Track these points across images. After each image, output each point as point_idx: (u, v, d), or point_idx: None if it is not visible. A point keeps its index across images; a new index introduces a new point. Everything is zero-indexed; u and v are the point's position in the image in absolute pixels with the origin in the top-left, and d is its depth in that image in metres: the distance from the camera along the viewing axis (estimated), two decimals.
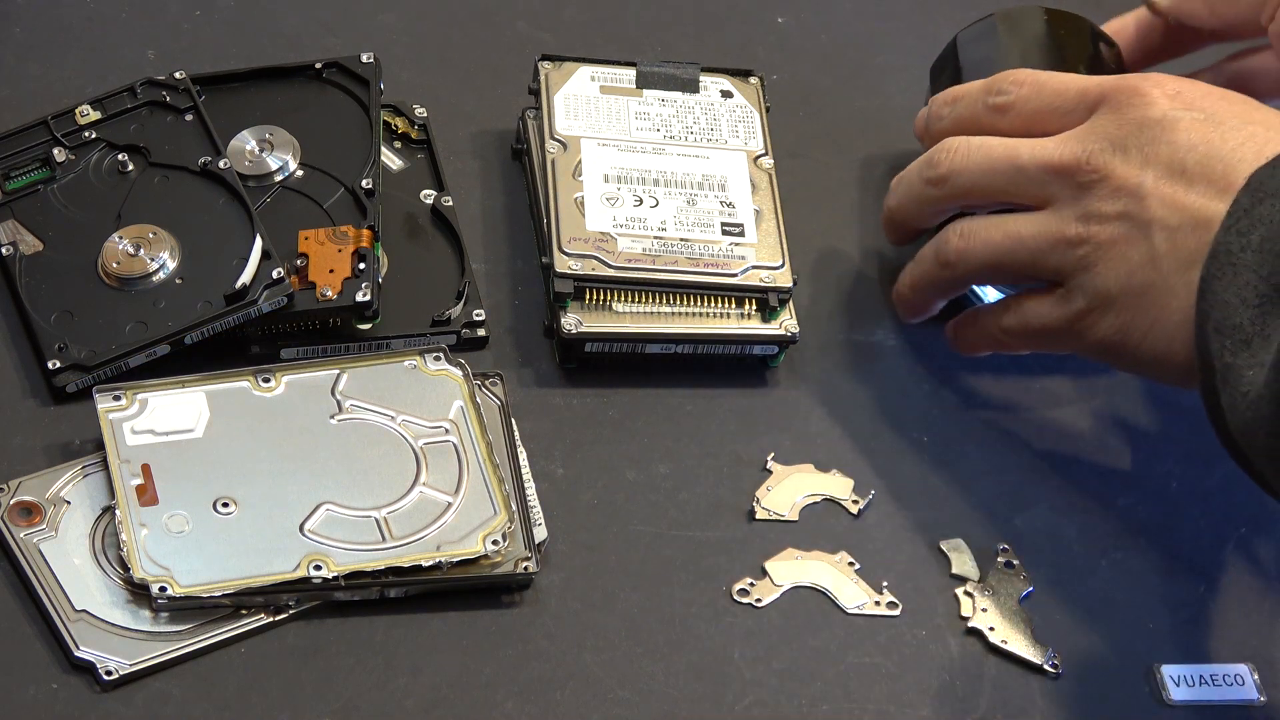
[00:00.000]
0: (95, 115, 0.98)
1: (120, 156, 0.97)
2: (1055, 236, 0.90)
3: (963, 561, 0.93)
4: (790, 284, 0.96)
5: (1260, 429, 0.80)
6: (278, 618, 0.86)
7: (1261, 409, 0.80)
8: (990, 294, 0.98)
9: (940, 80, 1.01)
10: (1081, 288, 0.90)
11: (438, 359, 0.93)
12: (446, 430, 0.91)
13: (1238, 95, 0.90)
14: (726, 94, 1.03)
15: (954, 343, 0.97)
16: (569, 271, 0.95)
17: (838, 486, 0.95)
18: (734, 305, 0.96)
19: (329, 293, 0.94)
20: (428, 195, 1.00)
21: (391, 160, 1.01)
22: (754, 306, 0.96)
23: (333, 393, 0.92)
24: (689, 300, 0.96)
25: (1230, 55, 1.02)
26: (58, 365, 0.91)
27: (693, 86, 1.03)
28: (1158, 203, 0.87)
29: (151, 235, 0.94)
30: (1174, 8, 1.00)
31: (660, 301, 0.96)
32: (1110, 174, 0.89)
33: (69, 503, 0.88)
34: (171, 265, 0.94)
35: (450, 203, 1.00)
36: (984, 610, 0.91)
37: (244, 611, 0.86)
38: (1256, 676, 0.90)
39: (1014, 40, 0.99)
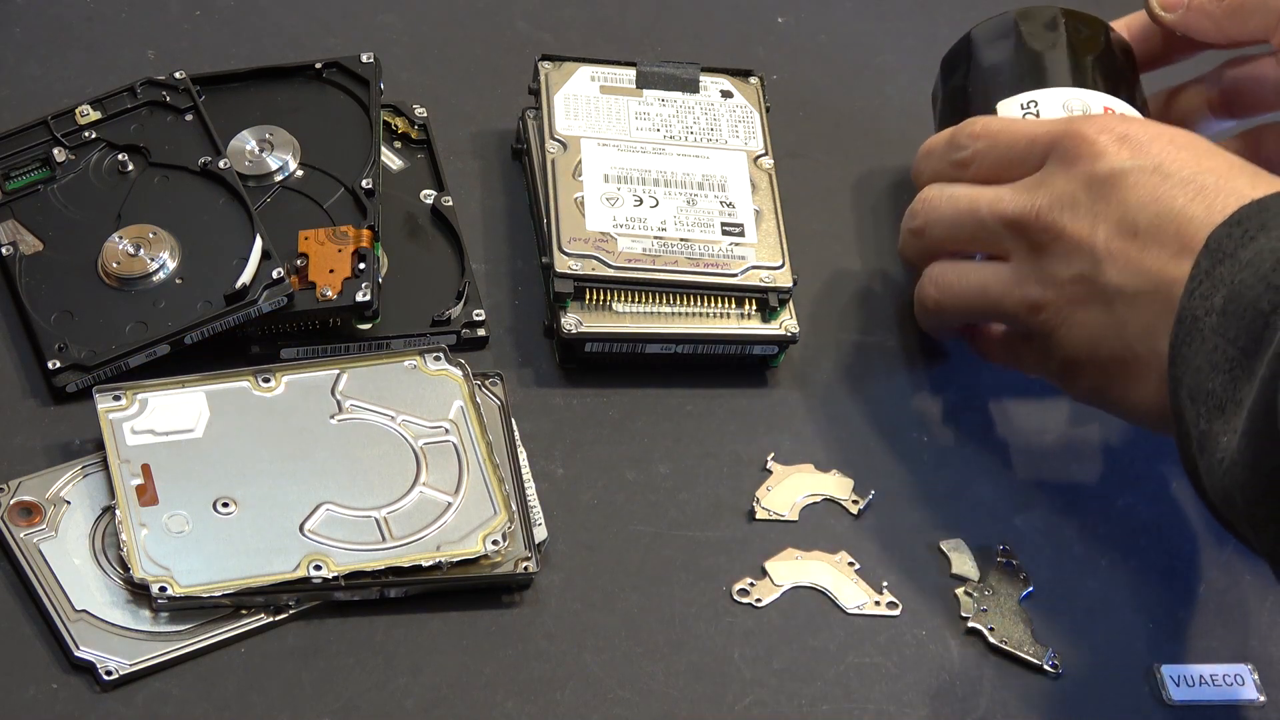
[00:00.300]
0: (95, 115, 0.98)
1: (120, 156, 0.97)
2: (1019, 298, 0.90)
3: (963, 561, 0.93)
4: (790, 284, 0.96)
5: (1236, 494, 0.79)
6: (278, 618, 0.86)
7: (1236, 475, 0.79)
8: None
9: (953, 77, 1.01)
10: (1050, 351, 0.90)
11: (438, 359, 0.93)
12: (446, 430, 0.91)
13: (1186, 137, 0.88)
14: (726, 94, 1.03)
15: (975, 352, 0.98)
16: (569, 271, 0.95)
17: (838, 486, 0.95)
18: (734, 305, 0.96)
19: (329, 293, 0.94)
20: (428, 195, 1.00)
21: (391, 160, 1.01)
22: (754, 306, 0.96)
23: (333, 393, 0.92)
24: (689, 300, 0.96)
25: (1227, 62, 1.02)
26: (58, 365, 0.91)
27: (693, 86, 1.03)
28: (1114, 267, 0.86)
29: (151, 235, 0.94)
30: (1179, 21, 0.98)
31: (660, 301, 0.96)
32: (1062, 232, 0.88)
33: (69, 503, 0.88)
34: (171, 265, 0.94)
35: (450, 203, 1.00)
36: (984, 610, 0.91)
37: (244, 611, 0.86)
38: (1256, 676, 0.90)
39: (1029, 38, 0.98)
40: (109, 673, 0.84)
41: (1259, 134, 1.00)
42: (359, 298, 0.93)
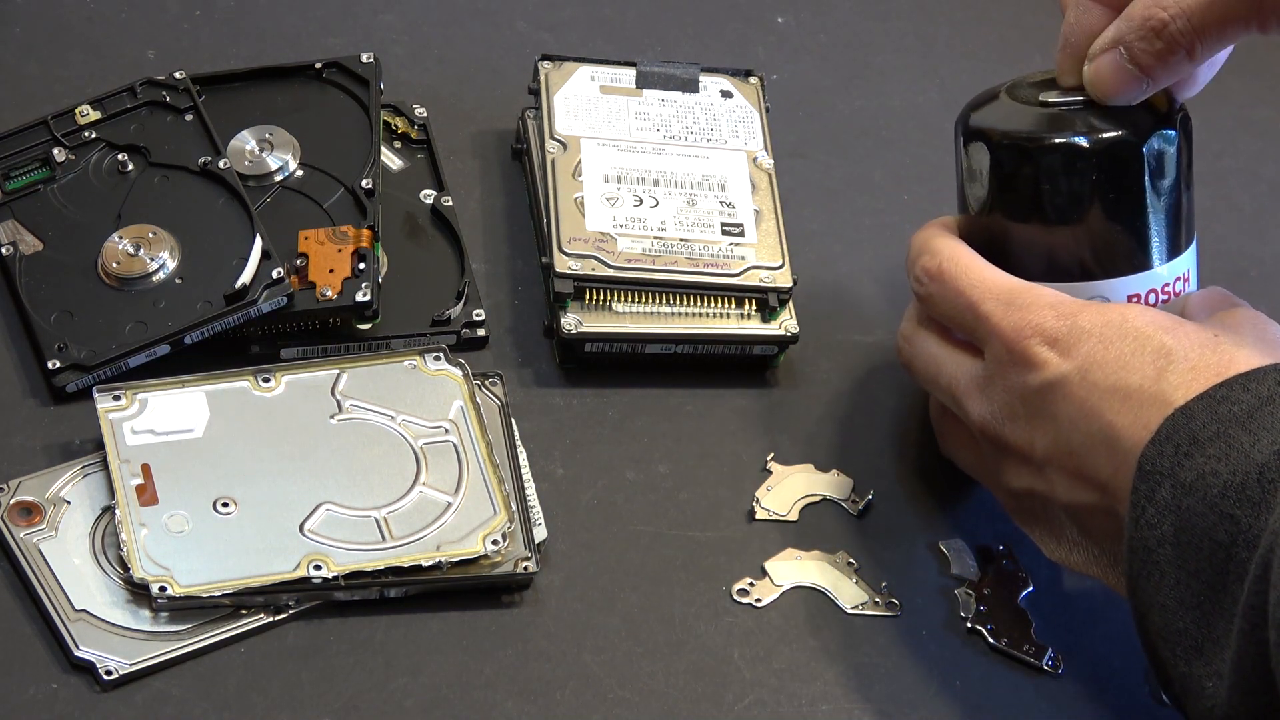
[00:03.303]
0: (95, 115, 0.98)
1: (120, 156, 0.97)
2: (994, 489, 0.90)
3: (963, 561, 0.93)
4: (790, 284, 0.96)
5: None
6: (278, 618, 0.86)
7: None
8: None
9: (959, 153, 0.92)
10: (1037, 542, 0.89)
11: (438, 359, 0.93)
12: (446, 430, 0.91)
13: (1119, 326, 0.83)
14: (726, 94, 1.03)
15: None
16: (569, 271, 0.95)
17: (838, 486, 0.95)
18: (734, 305, 0.96)
19: (329, 293, 0.94)
20: (428, 195, 1.00)
21: (391, 160, 1.01)
22: (754, 306, 0.96)
23: (333, 393, 0.92)
24: (689, 300, 0.96)
25: None
26: (58, 365, 0.91)
27: (693, 86, 1.03)
28: (1059, 482, 0.84)
29: (151, 235, 0.95)
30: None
31: (660, 301, 0.96)
32: (1007, 445, 0.86)
33: (69, 503, 0.88)
34: (171, 265, 0.94)
35: (450, 203, 1.00)
36: (984, 610, 0.91)
37: (244, 611, 0.86)
38: None
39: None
40: (109, 672, 0.84)
41: None
42: (359, 298, 0.93)
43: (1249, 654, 0.75)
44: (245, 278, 0.93)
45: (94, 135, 0.98)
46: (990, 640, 0.90)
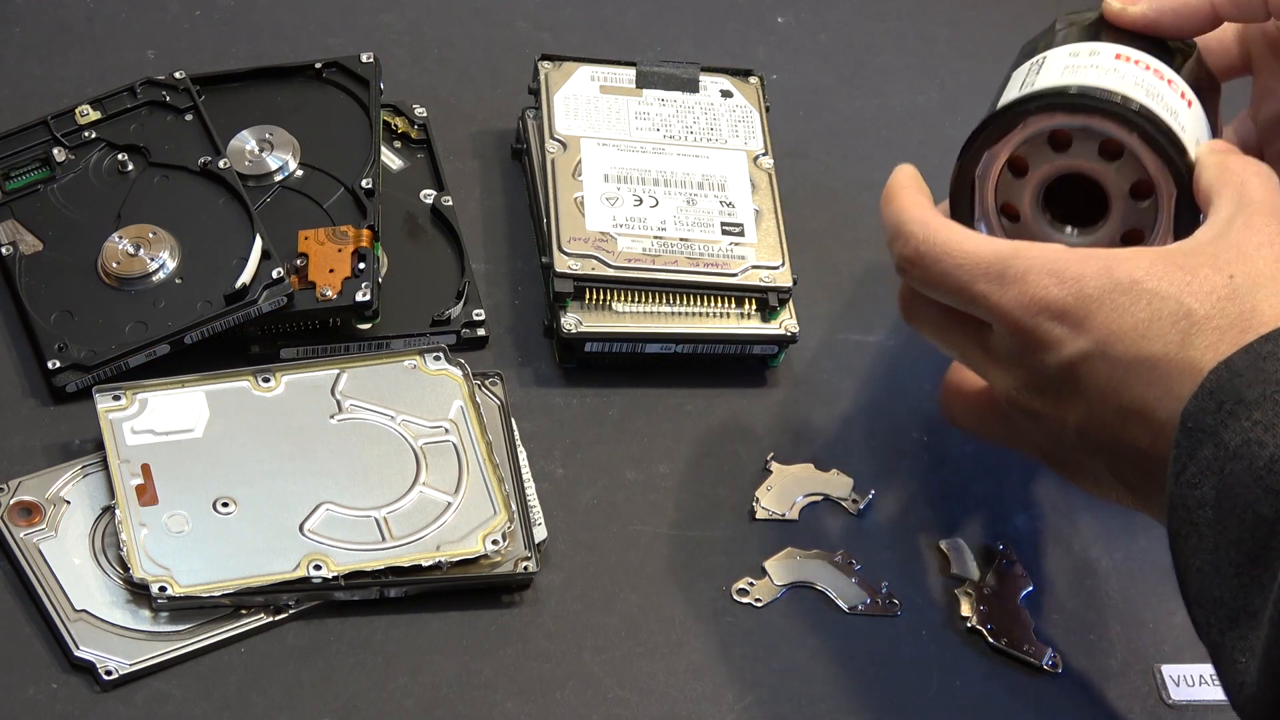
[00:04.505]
0: (95, 115, 0.98)
1: (120, 156, 0.97)
2: (1023, 448, 0.87)
3: (963, 561, 0.93)
4: (790, 284, 0.96)
5: None
6: (278, 618, 0.86)
7: (1260, 711, 0.74)
8: None
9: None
10: (1076, 485, 0.86)
11: (438, 359, 0.93)
12: (446, 430, 0.91)
13: (1129, 285, 0.80)
14: (726, 94, 1.03)
15: None
16: (569, 271, 0.95)
17: (838, 486, 0.95)
18: (734, 305, 0.96)
19: (329, 293, 0.94)
20: (428, 195, 1.00)
21: (391, 160, 1.01)
22: (754, 306, 0.96)
23: (333, 393, 0.92)
24: (689, 300, 0.96)
25: None
26: (58, 365, 0.91)
27: (692, 86, 1.03)
28: (1097, 448, 0.81)
29: (151, 235, 0.95)
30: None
31: (660, 301, 0.96)
32: (1037, 414, 0.83)
33: (69, 503, 0.88)
34: (171, 265, 0.94)
35: (450, 202, 1.00)
36: (984, 610, 0.91)
37: (244, 611, 0.86)
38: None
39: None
40: (109, 672, 0.84)
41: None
42: (359, 297, 0.93)
43: None
44: (245, 278, 0.93)
45: (94, 135, 0.98)
46: (990, 640, 0.90)
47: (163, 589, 0.85)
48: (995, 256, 0.82)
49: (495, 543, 0.88)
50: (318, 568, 0.86)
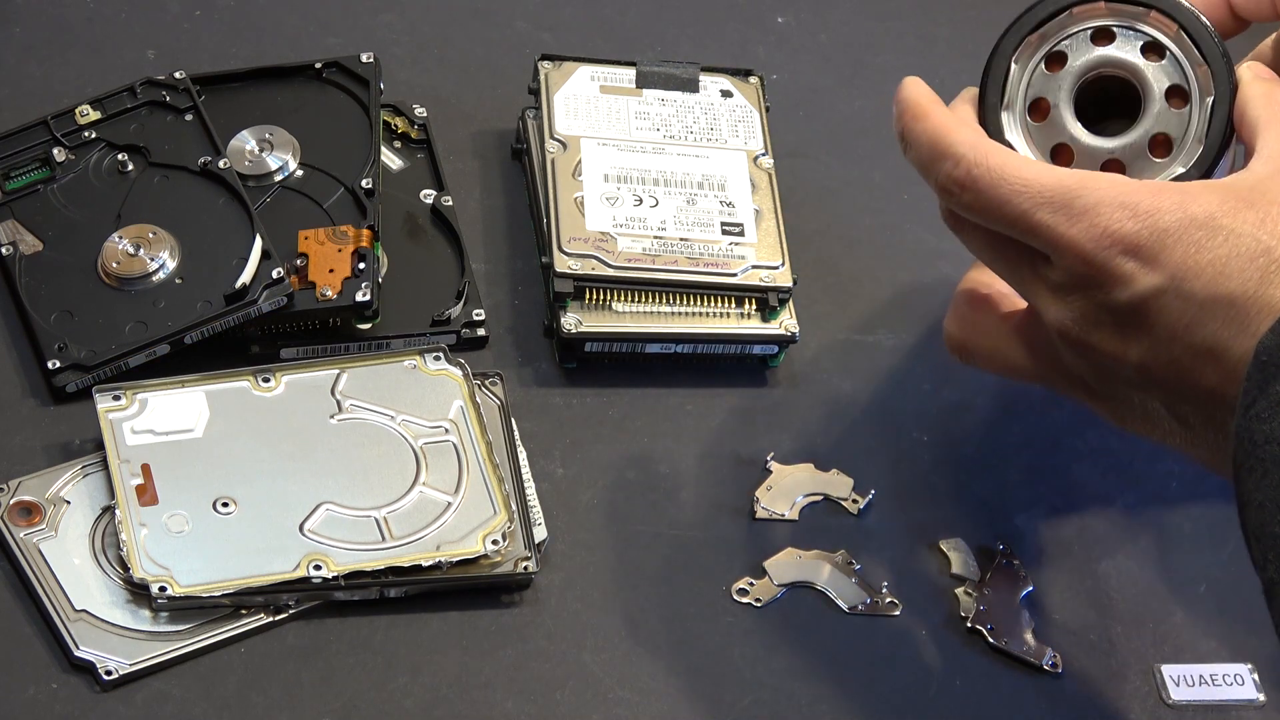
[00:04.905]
0: (95, 115, 0.98)
1: (120, 156, 0.97)
2: (1054, 382, 0.85)
3: (963, 561, 0.93)
4: (790, 284, 0.96)
5: None
6: (278, 618, 0.86)
7: None
8: None
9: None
10: (1113, 421, 0.84)
11: (438, 359, 0.93)
12: (446, 430, 0.91)
13: (1205, 221, 0.78)
14: (726, 94, 1.03)
15: None
16: (569, 271, 0.95)
17: (838, 486, 0.95)
18: (734, 305, 0.96)
19: (329, 292, 0.94)
20: (428, 195, 1.00)
21: (391, 160, 1.01)
22: (754, 306, 0.96)
23: (332, 393, 0.92)
24: (689, 300, 0.96)
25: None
26: (58, 365, 0.91)
27: (692, 86, 1.03)
28: (1156, 387, 0.80)
29: (151, 235, 0.95)
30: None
31: (660, 301, 0.96)
32: (1094, 349, 0.81)
33: (69, 503, 0.88)
34: (171, 265, 0.94)
35: (450, 202, 1.00)
36: (984, 610, 0.91)
37: (244, 611, 0.86)
38: (1256, 676, 0.90)
39: None
40: (109, 672, 0.84)
41: None
42: (359, 297, 0.93)
43: None
44: (245, 278, 0.93)
45: (94, 135, 0.98)
46: (990, 640, 0.90)
47: (163, 589, 0.85)
48: (1060, 186, 0.79)
49: (495, 543, 0.88)
50: (318, 568, 0.86)
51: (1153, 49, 0.86)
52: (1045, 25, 0.87)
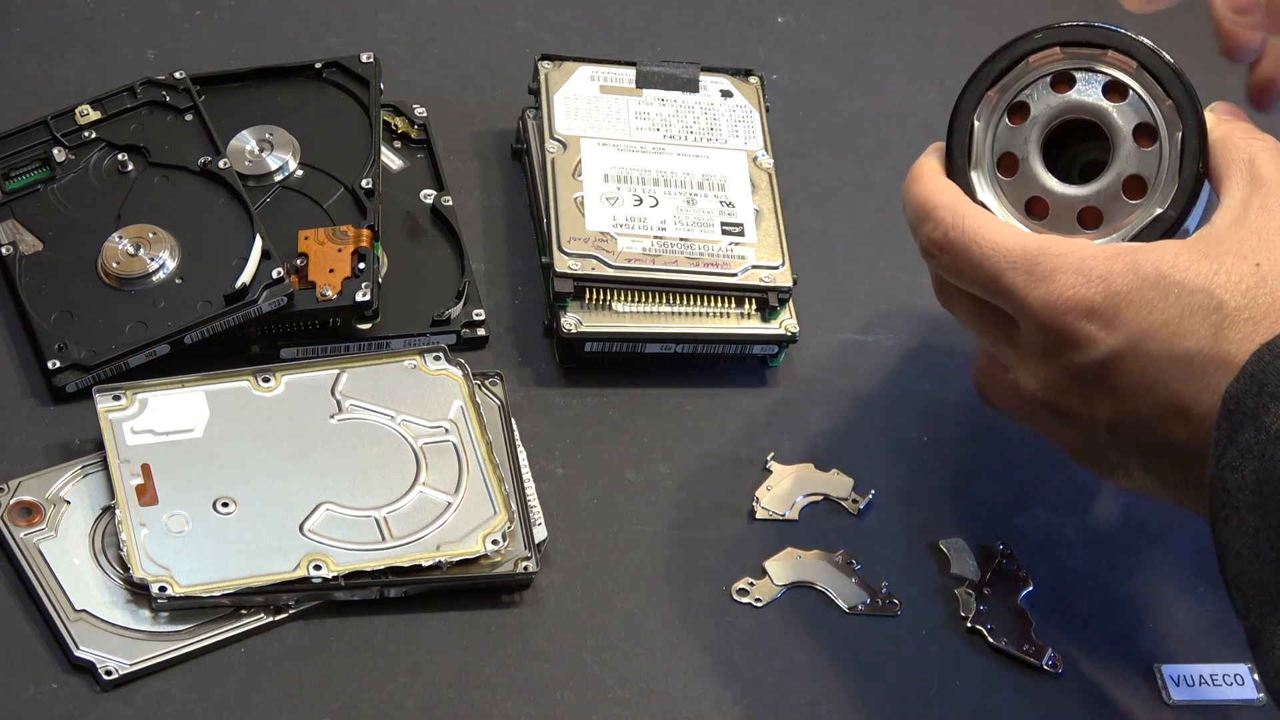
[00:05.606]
0: (95, 115, 0.98)
1: (120, 156, 0.97)
2: (1051, 438, 0.86)
3: (963, 561, 0.93)
4: (790, 283, 0.96)
5: None
6: (278, 618, 0.86)
7: None
8: None
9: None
10: (1104, 477, 0.85)
11: (438, 359, 0.93)
12: (446, 430, 0.91)
13: (1156, 281, 0.78)
14: (726, 94, 1.03)
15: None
16: (569, 271, 0.95)
17: (838, 486, 0.95)
18: (734, 305, 0.96)
19: (329, 292, 0.94)
20: (428, 195, 1.00)
21: (391, 160, 1.01)
22: (754, 306, 0.96)
23: (332, 393, 0.92)
24: (689, 300, 0.96)
25: None
26: (58, 365, 0.91)
27: (692, 86, 1.03)
28: (1129, 445, 0.81)
29: (151, 235, 0.95)
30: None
31: (660, 301, 0.96)
32: (1065, 413, 0.82)
33: (69, 503, 0.88)
34: (171, 265, 0.94)
35: (450, 202, 1.00)
36: (984, 610, 0.91)
37: (244, 611, 0.86)
38: (1256, 676, 0.90)
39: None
40: (109, 672, 0.84)
41: None
42: (359, 297, 0.93)
43: None
44: (245, 278, 0.93)
45: (94, 135, 0.98)
46: (990, 640, 0.90)
47: (163, 589, 0.85)
48: (1024, 250, 0.81)
49: (495, 543, 0.88)
50: (318, 568, 0.86)
51: (1114, 89, 0.85)
52: (1003, 78, 0.87)
